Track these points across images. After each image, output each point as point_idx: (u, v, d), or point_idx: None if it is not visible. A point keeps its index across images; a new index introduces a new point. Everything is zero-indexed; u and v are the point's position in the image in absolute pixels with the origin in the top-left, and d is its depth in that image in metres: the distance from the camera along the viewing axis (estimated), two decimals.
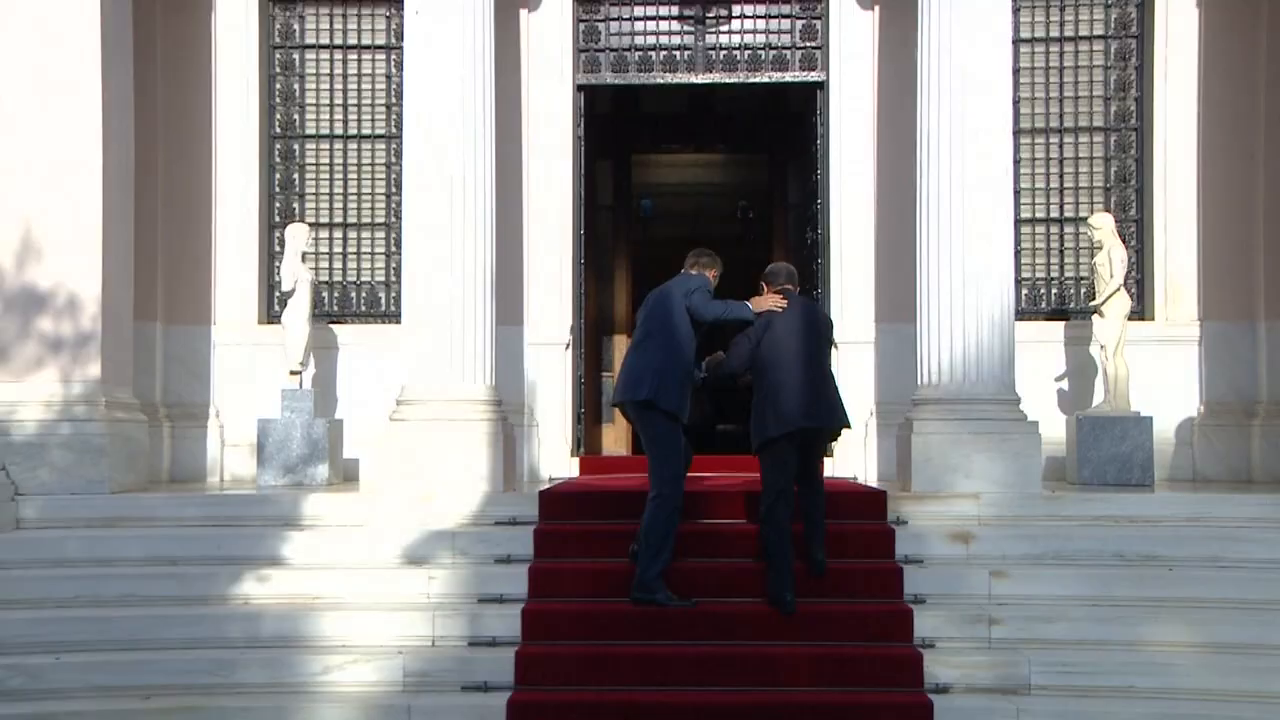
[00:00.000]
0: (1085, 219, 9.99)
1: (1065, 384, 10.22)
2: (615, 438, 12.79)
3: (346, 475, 9.88)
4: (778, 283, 7.65)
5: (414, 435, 8.56)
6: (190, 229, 10.39)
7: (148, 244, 9.95)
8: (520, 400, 10.21)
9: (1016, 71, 10.10)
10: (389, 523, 8.14)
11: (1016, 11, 10.13)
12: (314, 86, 10.72)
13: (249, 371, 10.33)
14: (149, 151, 9.95)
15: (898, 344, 9.86)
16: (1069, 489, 8.93)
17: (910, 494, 8.38)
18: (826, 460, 9.89)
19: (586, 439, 10.82)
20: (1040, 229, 10.53)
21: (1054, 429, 9.51)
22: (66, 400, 8.65)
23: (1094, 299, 9.60)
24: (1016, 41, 10.09)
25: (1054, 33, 10.52)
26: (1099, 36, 10.51)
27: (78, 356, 8.70)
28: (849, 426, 7.67)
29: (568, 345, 10.45)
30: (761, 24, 10.59)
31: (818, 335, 7.53)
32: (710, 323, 7.43)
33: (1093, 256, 9.71)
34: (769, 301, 7.51)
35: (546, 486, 9.03)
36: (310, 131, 10.72)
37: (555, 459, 10.34)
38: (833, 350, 7.71)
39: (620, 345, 12.78)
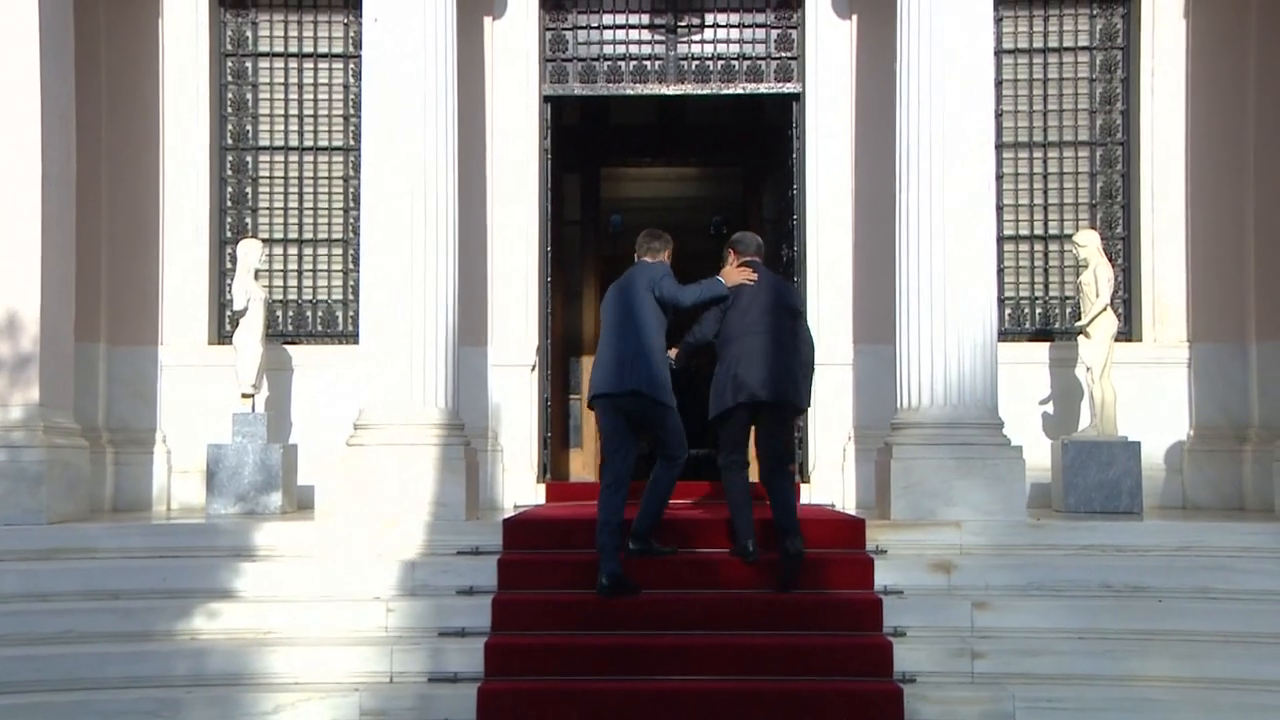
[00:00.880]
0: (1070, 236, 10.03)
1: (1050, 407, 10.25)
2: (583, 463, 12.74)
3: (301, 503, 9.80)
4: (748, 252, 7.96)
5: (373, 461, 8.51)
6: (136, 245, 10.29)
7: (91, 260, 9.85)
8: (484, 424, 10.16)
9: (999, 84, 10.15)
10: (345, 553, 8.07)
11: (999, 21, 10.20)
12: (268, 96, 10.66)
13: (198, 395, 10.23)
14: (92, 163, 9.87)
15: (877, 365, 9.86)
16: (1054, 517, 8.94)
17: (890, 522, 8.37)
18: (803, 487, 9.98)
19: (553, 465, 10.78)
20: (1024, 246, 10.58)
21: (1039, 454, 9.53)
22: (3, 425, 8.54)
23: (1080, 319, 9.63)
24: (999, 53, 10.17)
25: (1037, 44, 10.58)
26: (1084, 48, 10.59)
27: (15, 379, 8.59)
28: (806, 408, 8.08)
29: (533, 367, 10.41)
30: (735, 34, 10.61)
31: (785, 309, 7.85)
32: (689, 308, 7.81)
33: (1078, 275, 9.75)
34: (739, 275, 7.82)
35: (511, 514, 9.00)
36: (264, 143, 10.66)
37: (520, 485, 10.29)
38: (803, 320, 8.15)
39: (589, 367, 12.72)
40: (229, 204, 10.62)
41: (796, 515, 7.66)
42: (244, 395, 9.64)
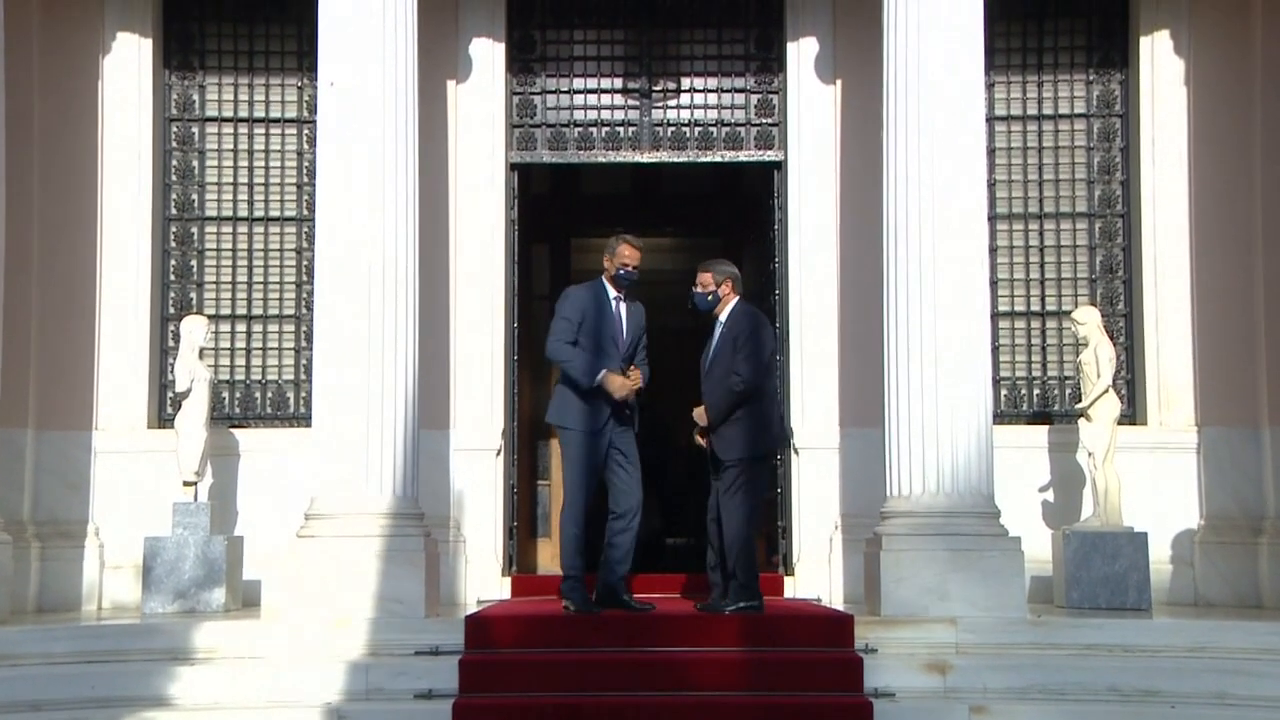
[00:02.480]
0: (1069, 313, 10.08)
1: (1050, 495, 10.24)
2: (551, 554, 12.61)
3: (247, 599, 9.67)
4: (738, 285, 8.84)
5: (324, 553, 8.42)
6: (70, 322, 10.21)
7: (19, 338, 9.68)
8: (445, 513, 10.09)
9: (992, 152, 10.27)
10: (294, 654, 7.97)
11: (991, 87, 10.32)
12: (215, 163, 10.66)
13: (136, 483, 10.09)
14: (23, 235, 9.74)
15: (866, 450, 9.81)
16: (1057, 613, 8.90)
17: (880, 618, 8.33)
18: (786, 580, 9.99)
19: (520, 556, 10.70)
20: (1020, 323, 10.63)
21: (1038, 546, 9.48)
22: None
23: (1080, 401, 9.66)
24: (991, 119, 10.28)
25: (1031, 110, 10.71)
26: (1080, 115, 10.71)
27: None
28: None
29: (499, 451, 10.38)
30: (713, 99, 10.72)
31: None
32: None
33: (1078, 354, 9.79)
34: (622, 388, 8.59)
35: (474, 611, 8.91)
36: (211, 213, 10.64)
37: (484, 579, 10.19)
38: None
39: (558, 449, 12.69)
40: (172, 278, 10.59)
41: None
42: (186, 483, 9.54)
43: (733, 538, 8.46)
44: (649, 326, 9.05)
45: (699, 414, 8.71)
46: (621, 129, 10.73)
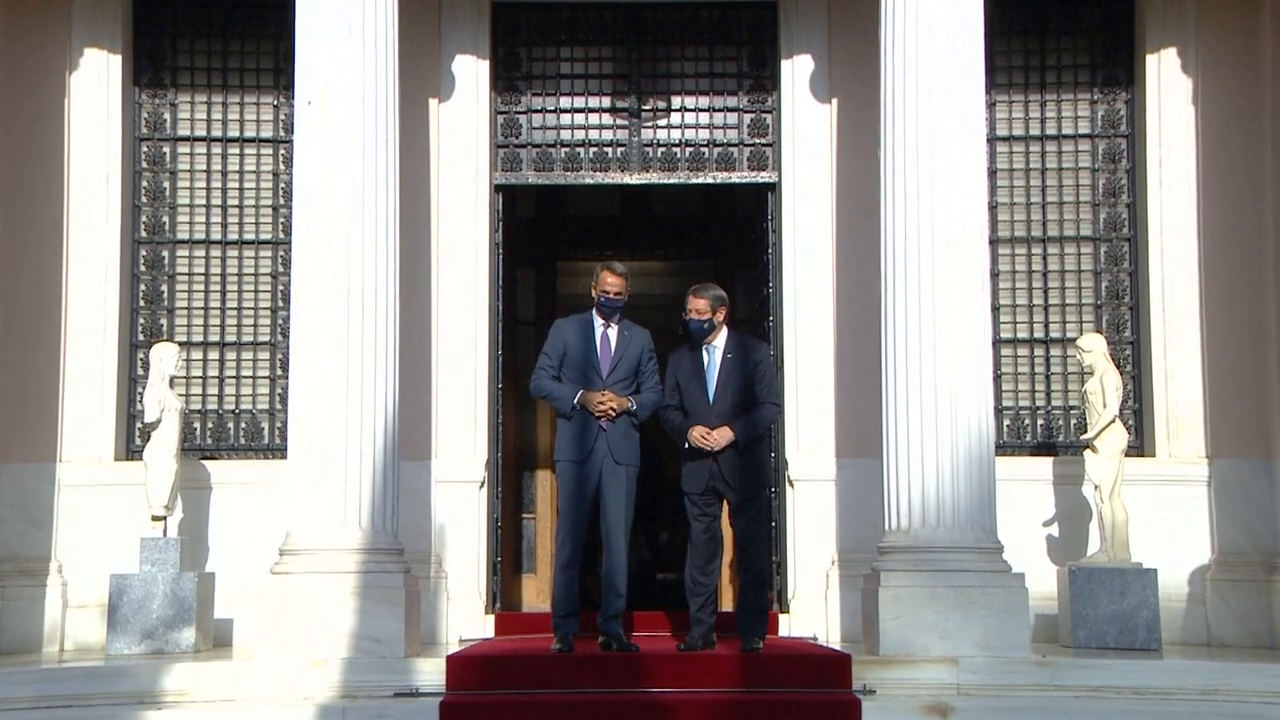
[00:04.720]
0: (1073, 340, 10.15)
1: (1055, 529, 10.28)
2: (536, 591, 12.63)
3: (218, 639, 9.67)
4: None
5: (299, 591, 8.43)
6: (34, 349, 10.20)
7: None
8: (426, 548, 10.09)
9: (993, 173, 10.34)
10: (268, 697, 7.97)
11: (992, 106, 10.41)
12: (188, 184, 10.70)
13: (102, 518, 10.08)
14: None
15: (864, 482, 9.85)
16: (1062, 653, 8.94)
17: (878, 658, 8.35)
18: (782, 618, 10.01)
19: (504, 593, 10.71)
20: (1023, 351, 10.68)
21: (1043, 582, 9.51)
22: None
23: (1085, 431, 9.71)
24: (993, 140, 10.35)
25: (1034, 130, 10.78)
26: (1085, 135, 10.78)
27: None
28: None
29: (482, 484, 10.38)
30: (705, 118, 10.79)
31: None
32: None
33: (1083, 383, 9.84)
34: (599, 408, 8.54)
35: (456, 650, 8.93)
36: (183, 236, 10.67)
37: (467, 617, 10.18)
38: None
39: (544, 481, 12.71)
40: (142, 303, 10.61)
41: None
42: (155, 518, 9.54)
43: (763, 567, 8.90)
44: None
45: (704, 434, 8.59)
46: (610, 149, 10.79)
